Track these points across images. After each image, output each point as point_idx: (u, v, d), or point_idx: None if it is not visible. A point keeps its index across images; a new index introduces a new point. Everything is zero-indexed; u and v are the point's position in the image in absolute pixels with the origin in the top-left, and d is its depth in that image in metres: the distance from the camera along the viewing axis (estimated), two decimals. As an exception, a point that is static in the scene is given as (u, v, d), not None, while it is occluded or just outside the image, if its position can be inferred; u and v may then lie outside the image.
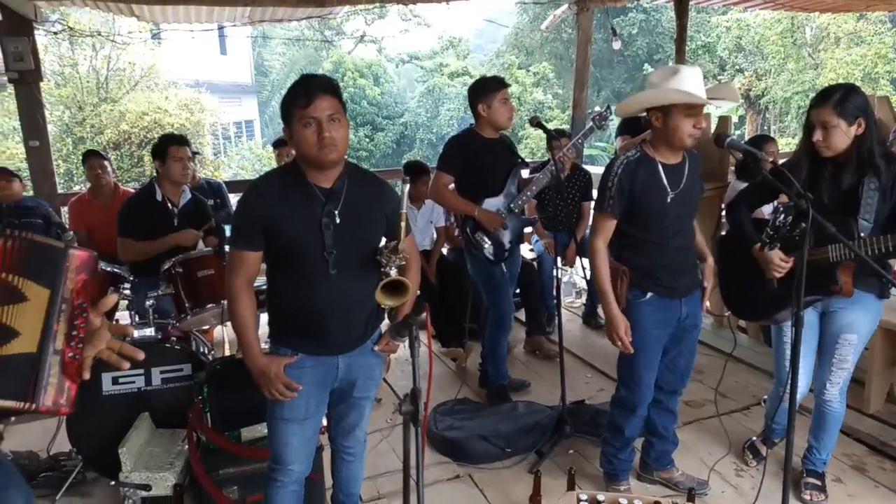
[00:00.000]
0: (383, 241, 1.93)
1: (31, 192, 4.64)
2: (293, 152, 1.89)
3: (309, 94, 1.71)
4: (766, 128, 17.68)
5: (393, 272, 1.83)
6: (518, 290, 4.11)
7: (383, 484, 2.73)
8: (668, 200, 2.25)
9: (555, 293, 4.45)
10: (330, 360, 1.92)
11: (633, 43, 20.10)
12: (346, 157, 1.88)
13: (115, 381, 2.63)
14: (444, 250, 4.52)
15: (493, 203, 3.15)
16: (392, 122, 21.47)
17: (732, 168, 4.12)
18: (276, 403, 1.90)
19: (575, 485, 2.28)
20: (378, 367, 2.07)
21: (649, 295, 2.31)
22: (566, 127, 6.28)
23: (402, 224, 1.79)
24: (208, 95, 11.85)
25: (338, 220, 1.82)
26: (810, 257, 1.94)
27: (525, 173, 3.43)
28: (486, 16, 24.62)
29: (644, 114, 2.29)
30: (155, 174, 3.55)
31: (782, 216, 2.05)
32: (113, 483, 2.48)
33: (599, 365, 3.85)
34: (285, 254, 1.84)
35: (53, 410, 1.13)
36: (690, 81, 2.13)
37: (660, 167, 2.24)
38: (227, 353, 3.92)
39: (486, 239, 3.16)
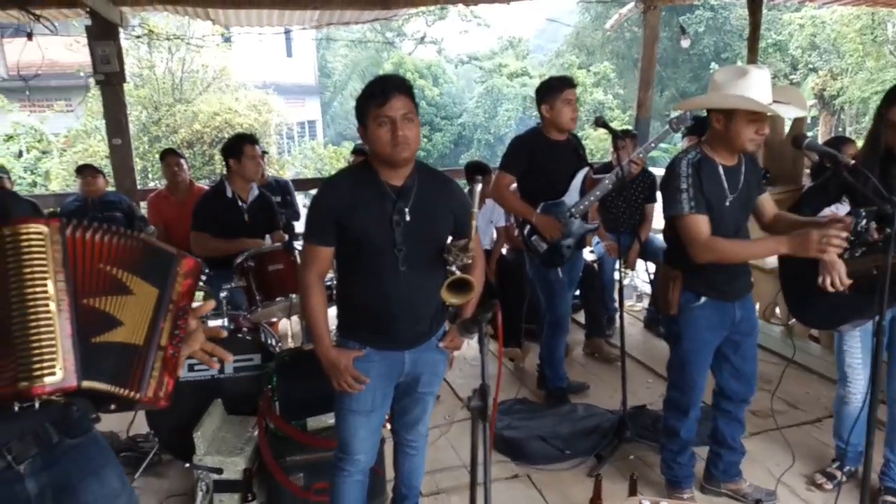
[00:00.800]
0: (449, 238, 1.96)
1: (112, 188, 4.92)
2: None
3: (385, 93, 1.76)
4: (840, 129, 16.86)
5: (457, 271, 1.86)
6: (578, 292, 4.08)
7: (442, 479, 2.77)
8: (727, 204, 2.20)
9: (616, 296, 4.39)
10: (396, 354, 1.96)
11: (699, 41, 19.54)
12: None
13: (190, 368, 2.76)
14: (504, 250, 4.53)
15: (555, 206, 3.11)
16: (450, 122, 21.60)
17: (807, 171, 3.97)
18: (345, 395, 1.96)
19: (637, 490, 2.25)
20: (442, 363, 2.10)
21: (703, 299, 2.27)
22: (628, 127, 6.18)
23: (473, 223, 1.81)
24: (275, 96, 12.25)
25: (408, 218, 1.86)
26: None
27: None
28: (548, 15, 24.42)
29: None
30: (225, 172, 3.70)
31: (864, 221, 1.96)
32: (187, 465, 2.60)
33: (661, 370, 3.77)
34: (356, 250, 1.89)
35: (153, 402, 1.22)
36: (758, 85, 2.06)
37: (720, 168, 2.19)
38: (291, 345, 4.06)
39: (542, 242, 3.13)
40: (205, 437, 2.56)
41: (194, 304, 1.33)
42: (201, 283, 3.13)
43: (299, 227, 4.74)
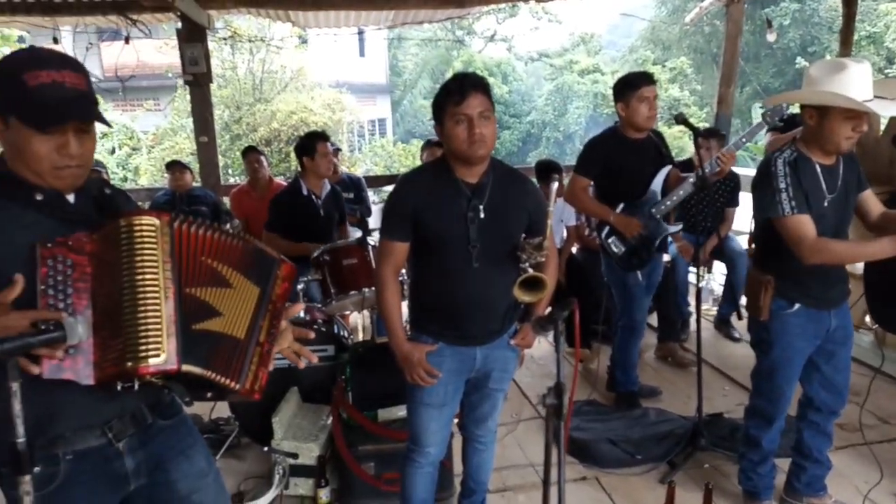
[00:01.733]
0: (523, 236, 1.96)
1: (198, 183, 5.17)
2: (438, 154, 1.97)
3: (462, 91, 1.78)
4: (942, 127, 15.60)
5: (530, 269, 1.87)
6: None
7: (509, 476, 2.78)
8: (825, 204, 2.08)
9: (690, 300, 4.25)
10: (468, 350, 1.98)
11: (784, 34, 18.58)
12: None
13: (269, 356, 2.88)
14: (574, 250, 4.47)
15: (635, 208, 3.02)
16: (518, 120, 21.48)
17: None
18: (417, 388, 1.99)
19: (712, 500, 2.19)
20: (512, 360, 2.11)
21: (797, 306, 2.16)
22: (705, 124, 5.95)
23: (549, 221, 1.81)
24: (348, 95, 12.53)
25: (482, 215, 1.87)
26: None
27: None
28: (622, 10, 23.85)
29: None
30: (300, 170, 3.82)
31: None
32: (266, 449, 2.72)
33: (738, 378, 3.63)
34: (431, 245, 1.92)
35: (249, 394, 1.30)
36: (857, 81, 1.93)
37: (818, 168, 2.08)
38: (361, 338, 4.16)
39: (621, 244, 3.05)
40: (282, 422, 2.66)
41: None
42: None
43: (371, 223, 4.85)
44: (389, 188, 4.72)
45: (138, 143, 12.55)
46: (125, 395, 1.32)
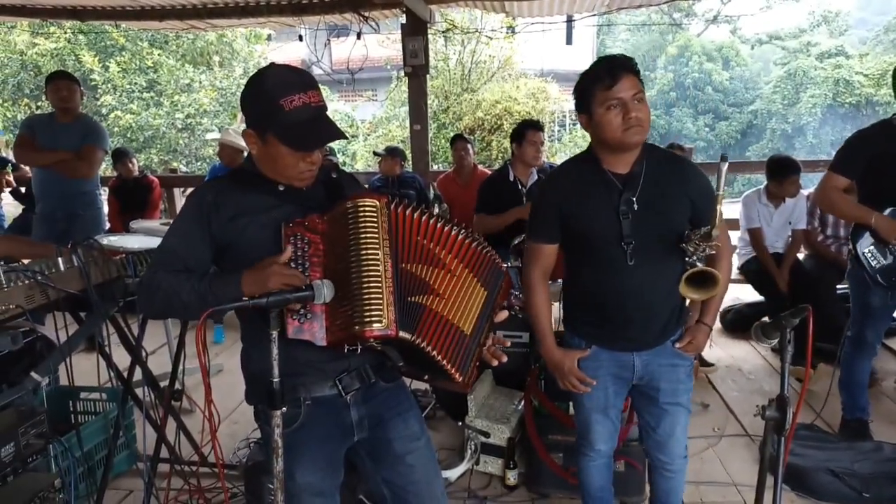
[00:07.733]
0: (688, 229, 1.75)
1: (408, 168, 5.53)
2: None
3: (613, 74, 1.64)
4: None
5: (699, 263, 1.67)
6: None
7: (707, 492, 2.59)
8: None
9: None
10: (624, 356, 1.85)
11: None
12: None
13: (466, 336, 3.01)
14: (801, 256, 3.99)
15: None
16: (739, 109, 19.64)
17: None
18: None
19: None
20: (683, 368, 1.89)
21: None
22: None
23: (719, 208, 1.58)
24: (552, 84, 12.43)
25: (636, 208, 1.72)
26: None
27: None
28: (878, -18, 20.49)
29: None
30: (511, 157, 3.91)
31: None
32: (460, 424, 2.85)
33: None
34: (581, 244, 1.81)
35: (464, 386, 1.39)
36: None
37: None
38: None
39: (880, 256, 2.60)
40: (476, 401, 2.77)
41: None
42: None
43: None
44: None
45: (356, 130, 13.76)
46: (350, 356, 1.48)
